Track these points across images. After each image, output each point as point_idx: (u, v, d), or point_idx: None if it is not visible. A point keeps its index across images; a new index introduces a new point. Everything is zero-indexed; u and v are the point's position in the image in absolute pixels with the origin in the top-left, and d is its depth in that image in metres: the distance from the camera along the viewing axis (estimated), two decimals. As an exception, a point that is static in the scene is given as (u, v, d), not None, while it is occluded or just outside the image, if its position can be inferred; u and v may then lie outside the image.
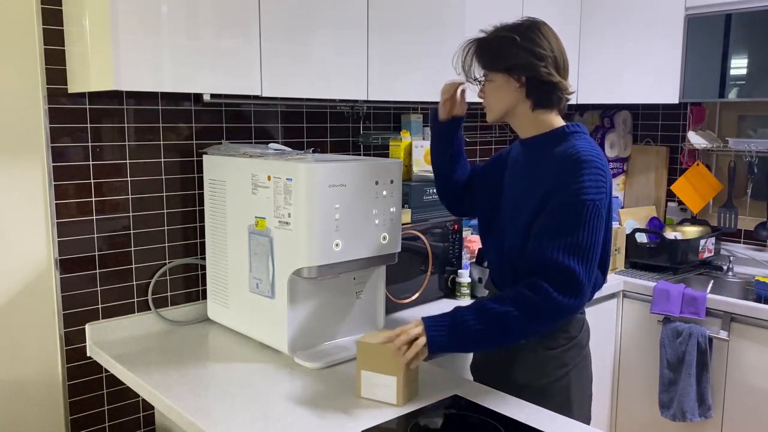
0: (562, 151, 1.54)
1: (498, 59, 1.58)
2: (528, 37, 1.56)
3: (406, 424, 1.44)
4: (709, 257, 2.90)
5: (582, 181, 1.47)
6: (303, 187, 1.65)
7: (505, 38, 1.57)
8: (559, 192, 1.48)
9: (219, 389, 1.60)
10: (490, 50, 1.59)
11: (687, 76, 2.68)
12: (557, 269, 1.44)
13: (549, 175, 1.53)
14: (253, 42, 1.80)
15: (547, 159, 1.57)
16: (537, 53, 1.55)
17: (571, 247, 1.44)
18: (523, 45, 1.55)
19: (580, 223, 1.45)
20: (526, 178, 1.62)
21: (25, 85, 1.78)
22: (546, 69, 1.56)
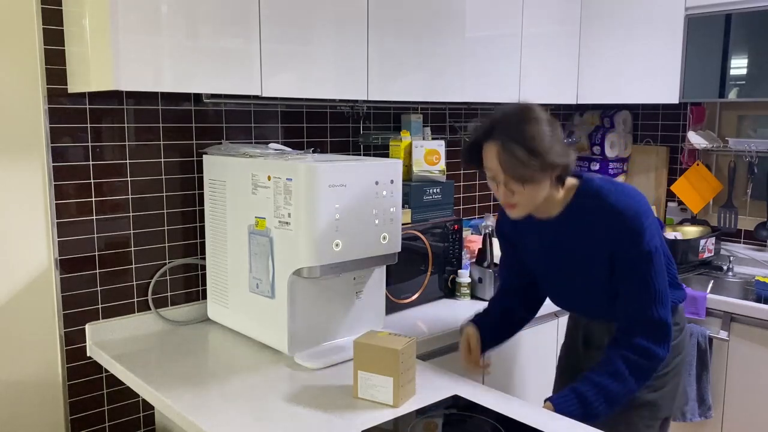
0: (605, 212, 1.60)
1: (539, 164, 1.53)
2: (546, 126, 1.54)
3: (406, 424, 1.44)
4: (709, 257, 2.90)
5: (642, 236, 1.56)
6: (303, 187, 1.65)
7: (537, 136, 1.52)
8: (625, 252, 1.58)
9: (219, 389, 1.60)
10: (528, 153, 1.52)
11: (687, 76, 2.68)
12: (652, 325, 1.58)
13: (604, 237, 1.60)
14: (253, 42, 1.80)
15: (589, 222, 1.62)
16: (559, 140, 1.56)
17: (654, 299, 1.58)
18: (550, 138, 1.53)
19: (653, 272, 1.58)
20: (576, 242, 1.67)
21: (25, 85, 1.78)
22: (565, 152, 1.57)
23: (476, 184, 2.98)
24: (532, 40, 2.61)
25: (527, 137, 1.51)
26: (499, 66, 2.50)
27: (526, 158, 1.51)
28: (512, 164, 1.52)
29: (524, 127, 1.52)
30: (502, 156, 1.53)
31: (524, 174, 1.53)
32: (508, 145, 1.52)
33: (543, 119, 1.54)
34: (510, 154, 1.51)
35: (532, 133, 1.51)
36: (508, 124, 1.54)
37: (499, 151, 1.53)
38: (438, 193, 2.39)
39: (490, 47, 2.46)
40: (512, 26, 2.53)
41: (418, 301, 2.29)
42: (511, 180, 1.55)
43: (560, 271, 1.75)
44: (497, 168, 1.56)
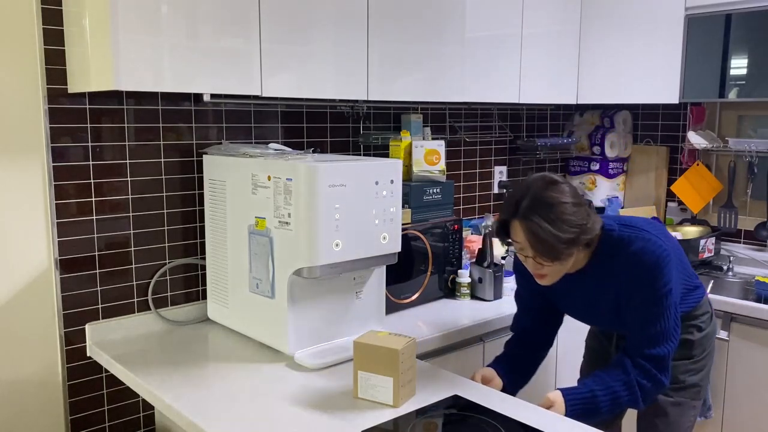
0: (627, 261, 1.66)
1: (568, 240, 1.58)
2: (571, 197, 1.59)
3: (406, 424, 1.44)
4: (709, 257, 2.90)
5: (659, 281, 1.63)
6: (303, 187, 1.65)
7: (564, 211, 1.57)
8: (642, 294, 1.65)
9: (219, 389, 1.60)
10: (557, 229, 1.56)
11: (687, 76, 2.68)
12: (658, 357, 1.65)
13: (625, 282, 1.68)
14: (253, 42, 1.80)
15: (613, 271, 1.69)
16: (586, 212, 1.61)
17: (663, 334, 1.65)
18: (575, 209, 1.58)
19: (664, 313, 1.64)
20: (601, 286, 1.73)
21: (25, 85, 1.78)
22: (595, 219, 1.63)
23: (476, 184, 2.98)
24: (532, 40, 2.61)
25: (553, 218, 1.56)
26: (499, 66, 2.50)
27: (553, 239, 1.56)
28: (540, 245, 1.58)
29: (550, 207, 1.57)
30: (529, 236, 1.59)
31: (552, 253, 1.58)
32: (535, 226, 1.56)
33: (566, 192, 1.59)
34: (537, 235, 1.57)
35: (557, 214, 1.56)
36: (534, 203, 1.58)
37: (526, 231, 1.59)
38: (438, 193, 2.39)
39: (490, 47, 2.46)
40: (512, 26, 2.53)
41: (418, 301, 2.29)
42: (546, 258, 1.61)
43: (584, 307, 1.83)
44: (526, 244, 1.61)
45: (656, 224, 1.75)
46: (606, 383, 1.65)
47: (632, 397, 1.64)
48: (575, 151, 3.30)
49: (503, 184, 3.06)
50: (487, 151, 3.01)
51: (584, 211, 1.60)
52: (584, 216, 1.59)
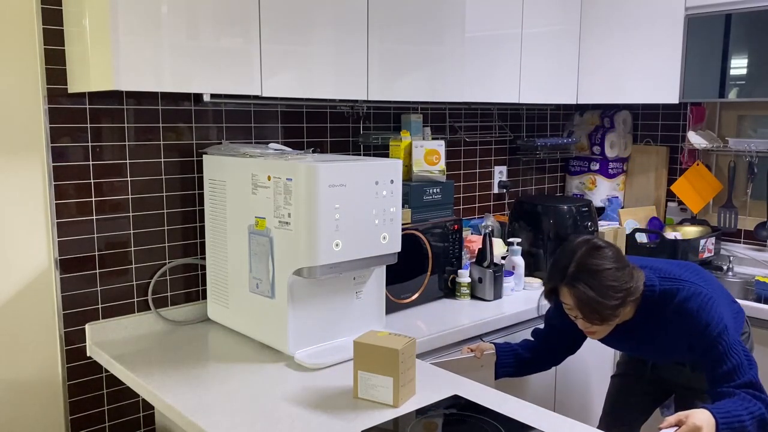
0: (673, 315, 1.72)
1: (615, 303, 1.65)
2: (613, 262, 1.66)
3: (406, 424, 1.44)
4: (709, 257, 2.90)
5: (711, 325, 1.66)
6: (303, 187, 1.65)
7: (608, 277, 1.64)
8: (702, 343, 1.68)
9: (219, 389, 1.60)
10: (604, 296, 1.64)
11: (687, 76, 2.68)
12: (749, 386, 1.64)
13: (677, 334, 1.73)
14: (253, 42, 1.80)
15: (659, 324, 1.75)
16: (626, 271, 1.67)
17: (741, 367, 1.65)
18: (618, 274, 1.65)
19: (733, 348, 1.66)
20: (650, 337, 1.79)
21: (25, 85, 1.78)
22: (636, 278, 1.69)
23: (476, 184, 2.99)
24: (532, 40, 2.61)
25: (598, 285, 1.63)
26: (499, 66, 2.50)
27: (599, 306, 1.63)
28: (587, 309, 1.65)
29: (594, 274, 1.63)
30: (577, 302, 1.66)
31: (599, 317, 1.66)
32: (581, 293, 1.64)
33: (609, 257, 1.66)
34: (584, 301, 1.64)
35: (602, 280, 1.63)
36: (579, 270, 1.65)
37: (573, 297, 1.66)
38: (438, 193, 2.39)
39: (490, 47, 2.46)
40: (512, 26, 2.53)
41: (418, 301, 2.29)
42: (598, 321, 1.67)
43: (633, 350, 1.88)
44: (574, 307, 1.68)
45: (693, 267, 1.80)
46: (736, 401, 1.60)
47: (759, 410, 1.60)
48: (575, 151, 3.30)
49: (503, 184, 3.06)
50: (487, 151, 3.01)
51: (627, 274, 1.66)
52: (628, 279, 1.66)
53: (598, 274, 1.63)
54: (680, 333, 1.72)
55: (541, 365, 2.01)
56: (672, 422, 1.56)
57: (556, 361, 2.02)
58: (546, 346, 2.00)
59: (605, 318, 1.66)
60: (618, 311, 1.66)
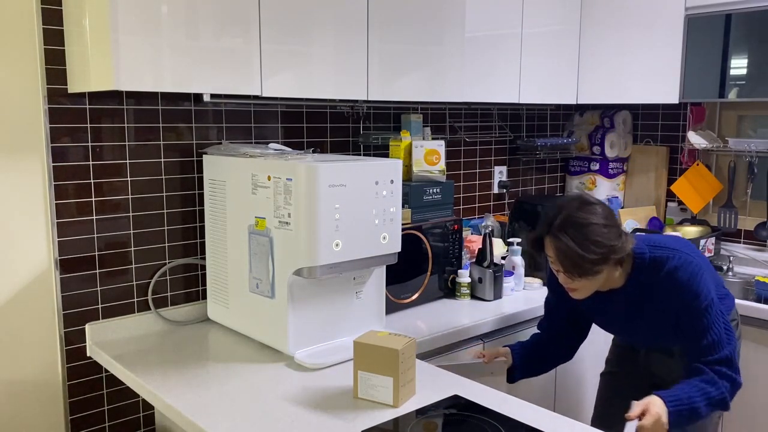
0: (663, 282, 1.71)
1: (598, 258, 1.64)
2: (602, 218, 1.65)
3: (406, 424, 1.44)
4: (709, 257, 2.90)
5: (699, 296, 1.68)
6: (303, 187, 1.65)
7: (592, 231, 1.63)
8: (687, 312, 1.70)
9: (219, 389, 1.60)
10: (586, 249, 1.63)
11: (687, 76, 2.68)
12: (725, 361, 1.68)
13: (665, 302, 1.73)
14: (253, 42, 1.80)
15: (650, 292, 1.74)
16: (615, 230, 1.66)
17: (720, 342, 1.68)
18: (605, 230, 1.63)
19: (713, 322, 1.69)
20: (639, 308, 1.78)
21: (25, 85, 1.78)
22: (624, 239, 1.68)
23: (476, 184, 2.99)
24: (532, 40, 2.61)
25: (582, 239, 1.62)
26: (499, 66, 2.50)
27: (579, 259, 1.63)
28: (568, 262, 1.65)
29: (579, 227, 1.63)
30: (557, 254, 1.66)
31: (578, 270, 1.65)
32: (562, 245, 1.64)
33: (598, 213, 1.65)
34: (565, 253, 1.64)
35: (586, 234, 1.62)
36: (564, 222, 1.65)
37: (555, 249, 1.66)
38: (438, 193, 2.39)
39: (490, 47, 2.46)
40: (512, 26, 2.53)
41: (418, 301, 2.29)
42: (576, 275, 1.66)
43: (622, 325, 1.86)
44: (556, 260, 1.68)
45: (683, 240, 1.80)
46: (694, 384, 1.66)
47: (721, 396, 1.65)
48: (575, 151, 3.30)
49: (503, 184, 3.06)
50: (487, 151, 3.01)
51: (614, 233, 1.65)
52: (613, 237, 1.64)
53: (582, 227, 1.63)
54: (668, 302, 1.72)
55: (556, 358, 2.00)
56: (638, 413, 1.59)
57: (570, 351, 2.01)
58: (554, 336, 1.99)
59: (584, 272, 1.65)
60: (599, 267, 1.65)
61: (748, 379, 2.45)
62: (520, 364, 1.95)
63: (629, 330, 1.88)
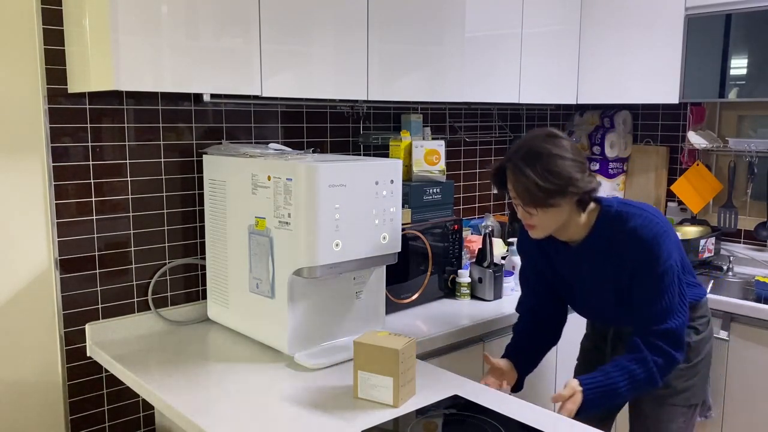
0: (625, 237, 1.67)
1: (556, 189, 1.59)
2: (566, 152, 1.60)
3: (406, 424, 1.44)
4: (709, 257, 2.90)
5: (658, 258, 1.64)
6: (303, 187, 1.65)
7: (553, 161, 1.58)
8: (643, 272, 1.66)
9: (219, 389, 1.60)
10: (543, 179, 1.58)
11: (687, 76, 2.68)
12: (667, 333, 1.66)
13: (625, 259, 1.68)
14: (253, 42, 1.80)
15: (612, 246, 1.69)
16: (579, 165, 1.61)
17: (667, 311, 1.65)
18: (569, 163, 1.59)
19: (668, 288, 1.65)
20: (600, 264, 1.73)
21: (25, 85, 1.78)
22: (589, 177, 1.64)
23: (476, 184, 2.99)
24: (532, 40, 2.61)
25: (539, 168, 1.58)
26: (499, 66, 2.50)
27: (534, 187, 1.58)
28: (523, 191, 1.60)
29: (539, 156, 1.59)
30: (516, 184, 1.62)
31: (536, 199, 1.60)
32: (519, 173, 1.60)
33: (562, 146, 1.61)
34: (523, 180, 1.59)
35: (545, 164, 1.58)
36: (528, 150, 1.61)
37: (511, 178, 1.62)
38: (438, 193, 2.39)
39: (490, 47, 2.46)
40: (512, 26, 2.53)
41: (418, 301, 2.29)
42: (530, 204, 1.62)
43: (586, 289, 1.82)
44: (513, 189, 1.64)
45: (656, 209, 1.75)
46: (621, 364, 1.65)
47: (648, 375, 1.64)
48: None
49: (503, 184, 3.06)
50: (487, 151, 3.01)
51: (576, 167, 1.60)
52: (574, 171, 1.59)
53: (543, 157, 1.58)
54: (626, 258, 1.67)
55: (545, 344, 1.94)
56: (566, 395, 1.60)
57: (555, 332, 1.95)
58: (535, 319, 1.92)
59: (540, 202, 1.59)
60: (556, 200, 1.60)
61: (747, 379, 2.45)
62: (523, 371, 1.92)
63: (592, 298, 1.82)
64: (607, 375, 1.64)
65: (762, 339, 2.41)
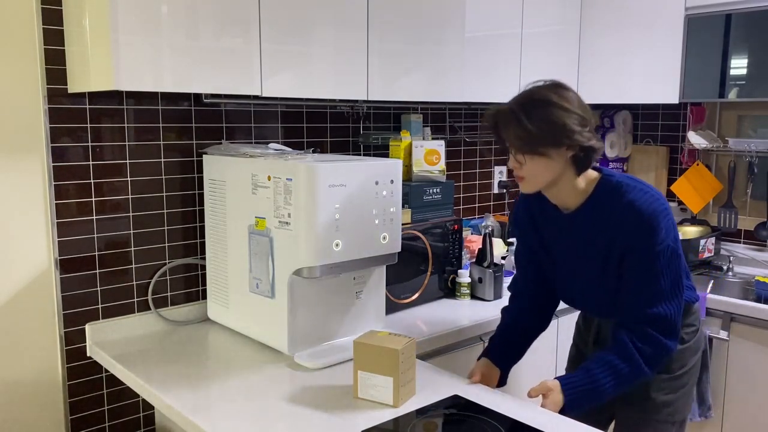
0: (623, 209, 1.58)
1: (549, 135, 1.51)
2: (568, 103, 1.53)
3: (406, 424, 1.44)
4: (709, 257, 2.90)
5: (655, 235, 1.54)
6: (303, 187, 1.65)
7: (551, 109, 1.51)
8: (637, 250, 1.56)
9: (219, 389, 1.60)
10: (537, 125, 1.51)
11: (687, 76, 2.68)
12: (659, 319, 1.57)
13: (618, 233, 1.58)
14: (253, 42, 1.80)
15: (607, 218, 1.60)
16: (580, 119, 1.53)
17: (661, 295, 1.57)
18: (568, 114, 1.52)
19: (663, 270, 1.56)
20: (592, 236, 1.64)
21: (25, 85, 1.78)
22: (590, 133, 1.56)
23: (476, 184, 2.99)
24: (532, 40, 2.61)
25: (538, 111, 1.50)
26: (499, 66, 2.50)
27: (527, 131, 1.50)
28: (515, 135, 1.53)
29: (540, 101, 1.52)
30: (508, 126, 1.54)
31: (525, 145, 1.53)
32: (516, 114, 1.52)
33: (565, 97, 1.53)
34: (515, 124, 1.52)
35: (540, 112, 1.50)
36: (529, 95, 1.54)
37: (507, 120, 1.54)
38: (438, 193, 2.39)
39: (490, 47, 2.46)
40: (512, 26, 2.53)
41: (418, 301, 2.29)
42: (520, 149, 1.55)
43: (574, 265, 1.73)
44: (505, 132, 1.56)
45: (660, 192, 1.65)
46: (603, 359, 1.57)
47: (634, 368, 1.55)
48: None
49: (503, 184, 3.06)
50: (487, 151, 3.01)
51: (576, 120, 1.51)
52: (572, 123, 1.50)
53: (541, 104, 1.51)
54: (620, 230, 1.57)
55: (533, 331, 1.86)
56: (537, 390, 1.56)
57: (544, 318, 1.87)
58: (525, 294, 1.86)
59: (527, 149, 1.52)
60: (546, 149, 1.51)
61: (747, 379, 2.45)
62: (505, 365, 1.82)
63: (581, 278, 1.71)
64: (588, 373, 1.57)
65: (762, 339, 2.41)
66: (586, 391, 1.55)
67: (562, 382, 1.57)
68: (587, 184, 1.63)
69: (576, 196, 1.64)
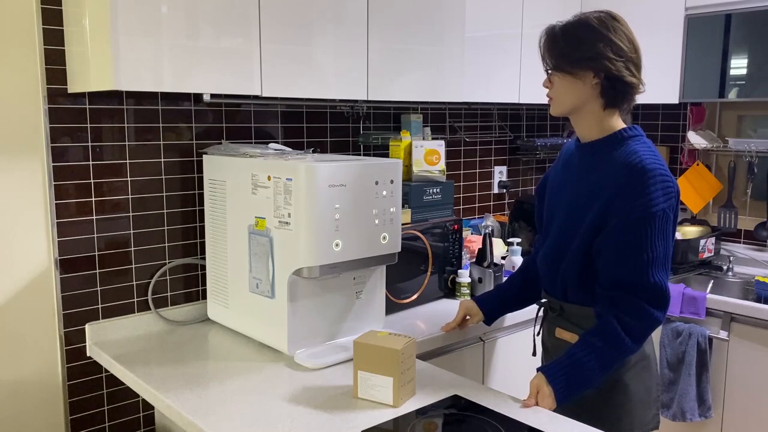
0: (624, 158, 1.52)
1: (576, 53, 1.52)
2: (608, 31, 1.51)
3: (406, 424, 1.44)
4: (709, 257, 2.90)
5: (650, 192, 1.47)
6: (303, 187, 1.65)
7: (587, 31, 1.52)
8: (627, 205, 1.48)
9: (219, 389, 1.60)
10: (568, 42, 1.53)
11: (687, 76, 2.68)
12: (647, 287, 1.48)
13: (610, 183, 1.52)
14: (253, 42, 1.80)
15: (604, 165, 1.56)
16: (618, 50, 1.51)
17: (652, 262, 1.48)
18: (604, 40, 1.50)
19: (657, 235, 1.47)
20: (583, 183, 1.60)
21: (25, 85, 1.78)
22: (625, 67, 1.52)
23: (476, 184, 2.99)
24: (532, 40, 2.61)
25: (577, 32, 1.53)
26: (499, 66, 2.50)
27: (560, 47, 1.54)
28: (548, 50, 1.56)
29: (583, 24, 1.54)
30: (547, 38, 1.58)
31: (555, 60, 1.55)
32: (554, 32, 1.56)
33: (612, 28, 1.52)
34: (552, 37, 1.56)
35: (584, 30, 1.52)
36: (577, 18, 1.57)
37: (548, 35, 1.58)
38: (438, 193, 2.39)
39: (490, 47, 2.46)
40: (512, 26, 2.53)
41: (418, 301, 2.29)
42: (549, 65, 1.57)
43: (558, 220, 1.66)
44: (542, 46, 1.59)
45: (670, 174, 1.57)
46: (583, 338, 1.53)
47: (617, 344, 1.48)
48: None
49: (503, 184, 3.06)
50: (487, 151, 3.01)
51: (614, 49, 1.49)
52: (608, 50, 1.49)
53: (580, 25, 1.53)
54: (612, 183, 1.50)
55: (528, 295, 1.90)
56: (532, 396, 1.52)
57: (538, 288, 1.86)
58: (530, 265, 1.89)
59: (554, 63, 1.54)
60: (573, 69, 1.52)
61: (747, 379, 2.45)
62: (490, 311, 1.92)
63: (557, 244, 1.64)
64: (569, 355, 1.52)
65: (762, 339, 2.41)
66: (570, 374, 1.49)
67: (545, 373, 1.53)
68: (610, 125, 1.58)
69: (592, 129, 1.60)
